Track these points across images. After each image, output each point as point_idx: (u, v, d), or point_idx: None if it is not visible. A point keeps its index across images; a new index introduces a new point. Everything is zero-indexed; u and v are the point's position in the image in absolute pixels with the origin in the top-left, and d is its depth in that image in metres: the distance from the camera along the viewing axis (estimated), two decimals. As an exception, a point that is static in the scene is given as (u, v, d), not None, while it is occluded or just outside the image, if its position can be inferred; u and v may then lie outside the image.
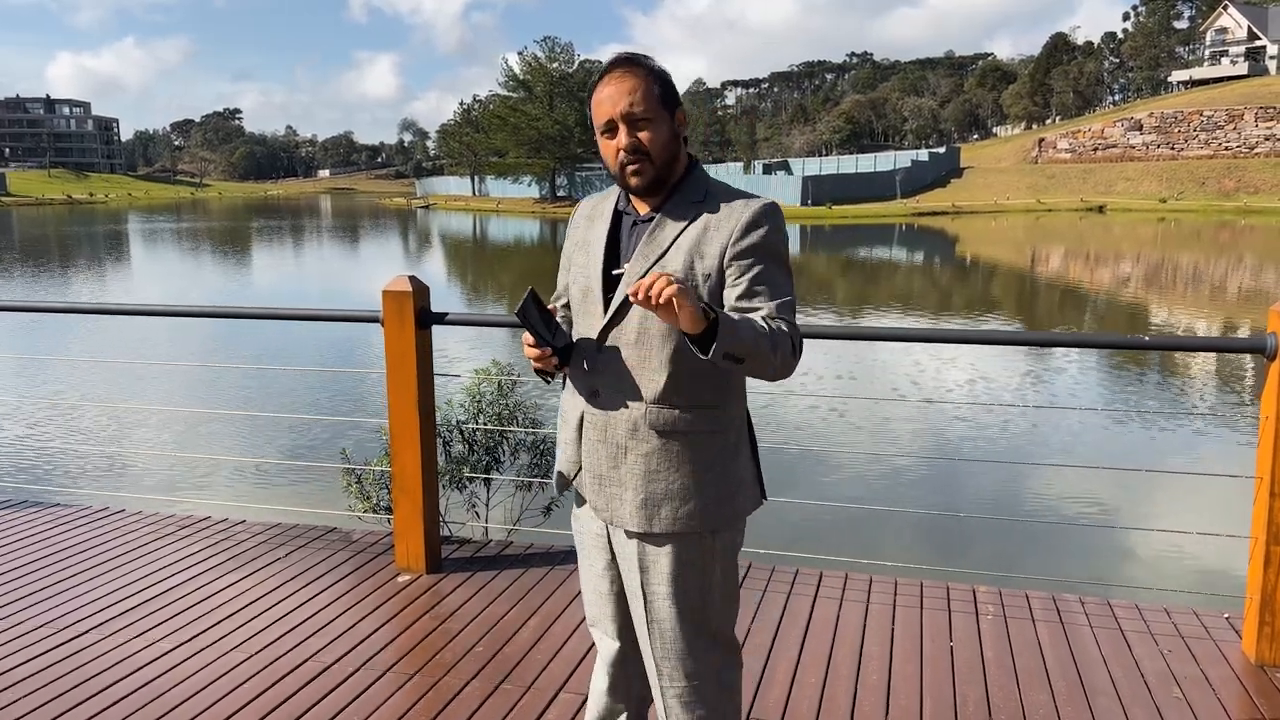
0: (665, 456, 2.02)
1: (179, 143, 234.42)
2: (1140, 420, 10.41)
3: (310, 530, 4.49)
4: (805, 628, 3.47)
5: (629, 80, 1.98)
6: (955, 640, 3.37)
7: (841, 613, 3.58)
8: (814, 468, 8.62)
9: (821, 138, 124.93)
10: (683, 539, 2.04)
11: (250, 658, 3.28)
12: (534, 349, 2.04)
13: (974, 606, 3.63)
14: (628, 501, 2.05)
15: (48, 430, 10.25)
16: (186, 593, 3.81)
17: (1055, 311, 21.48)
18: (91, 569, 4.05)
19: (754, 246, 1.96)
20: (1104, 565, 6.39)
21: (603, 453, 2.08)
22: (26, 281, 27.89)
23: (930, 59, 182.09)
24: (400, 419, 3.95)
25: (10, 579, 3.94)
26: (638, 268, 2.02)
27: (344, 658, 3.28)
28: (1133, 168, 79.46)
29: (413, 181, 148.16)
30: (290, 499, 7.10)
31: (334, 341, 15.45)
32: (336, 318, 4.30)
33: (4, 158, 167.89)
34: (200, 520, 4.67)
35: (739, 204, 2.01)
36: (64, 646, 3.35)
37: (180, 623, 3.54)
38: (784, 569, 3.98)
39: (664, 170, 2.01)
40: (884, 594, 3.74)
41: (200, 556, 4.19)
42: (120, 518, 4.71)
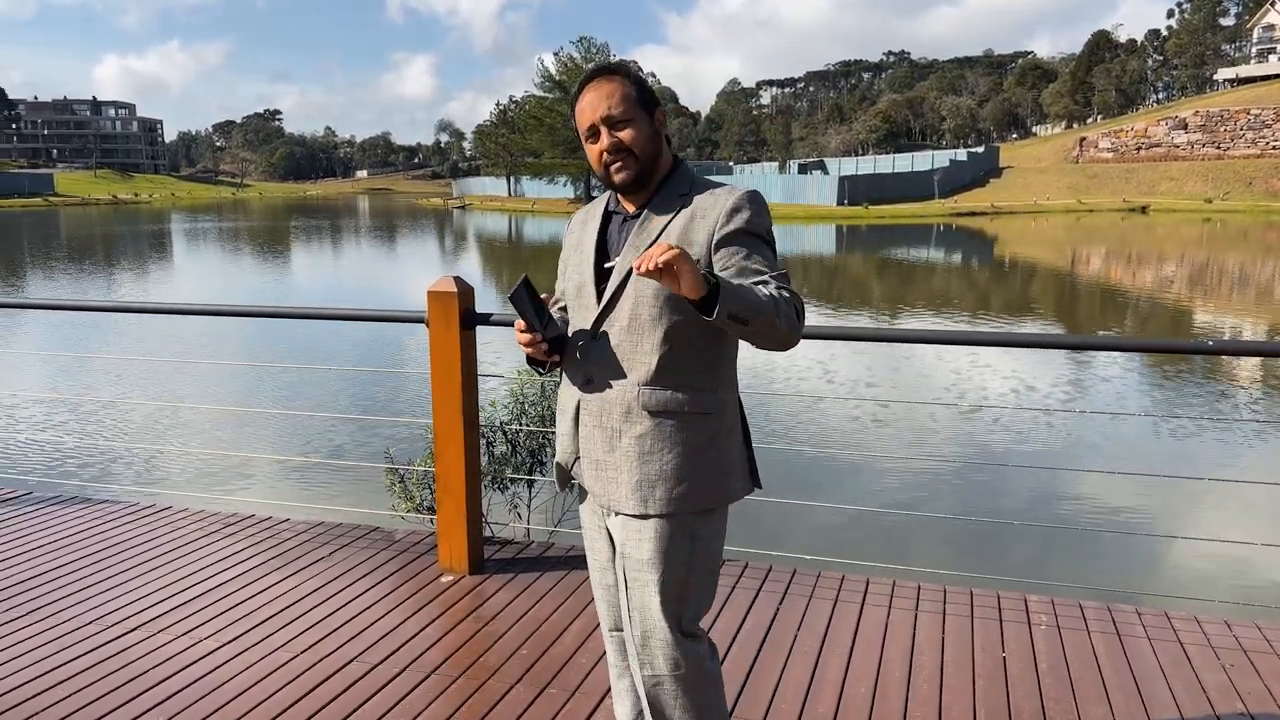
0: (658, 437, 2.07)
1: (220, 143, 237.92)
2: (1194, 427, 10.18)
3: (353, 529, 4.50)
4: (853, 635, 3.41)
5: (605, 86, 2.10)
6: (1008, 651, 3.29)
7: (890, 620, 3.52)
8: (857, 473, 8.51)
9: (858, 137, 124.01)
10: (671, 521, 2.08)
11: (295, 657, 3.28)
12: (525, 334, 2.14)
13: (1026, 616, 3.55)
14: (623, 484, 2.10)
15: (95, 427, 10.41)
16: (232, 590, 3.83)
17: (1098, 314, 21.12)
18: (139, 565, 4.09)
19: (739, 231, 2.04)
20: (1159, 575, 6.24)
21: (599, 438, 2.14)
22: (75, 280, 28.40)
23: (969, 57, 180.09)
24: (444, 420, 3.94)
25: (61, 574, 3.98)
26: (628, 259, 2.11)
27: (388, 659, 3.27)
28: (1177, 167, 78.05)
29: (449, 182, 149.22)
30: (332, 498, 7.13)
31: (372, 341, 15.56)
32: (381, 318, 4.31)
33: (52, 158, 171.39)
34: (245, 518, 4.70)
35: (722, 192, 2.10)
36: (113, 644, 3.37)
37: (226, 621, 3.56)
38: (830, 575, 3.92)
39: (648, 166, 2.11)
40: (933, 602, 3.67)
41: (245, 554, 4.22)
42: (167, 514, 4.76)
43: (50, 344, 15.88)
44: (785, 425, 9.92)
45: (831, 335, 3.86)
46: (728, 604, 3.66)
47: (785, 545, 3.87)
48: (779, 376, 12.57)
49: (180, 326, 16.77)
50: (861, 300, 23.48)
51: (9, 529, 4.54)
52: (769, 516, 6.78)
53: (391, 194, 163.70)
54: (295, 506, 5.21)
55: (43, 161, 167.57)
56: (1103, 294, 24.40)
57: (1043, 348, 4.19)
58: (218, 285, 27.79)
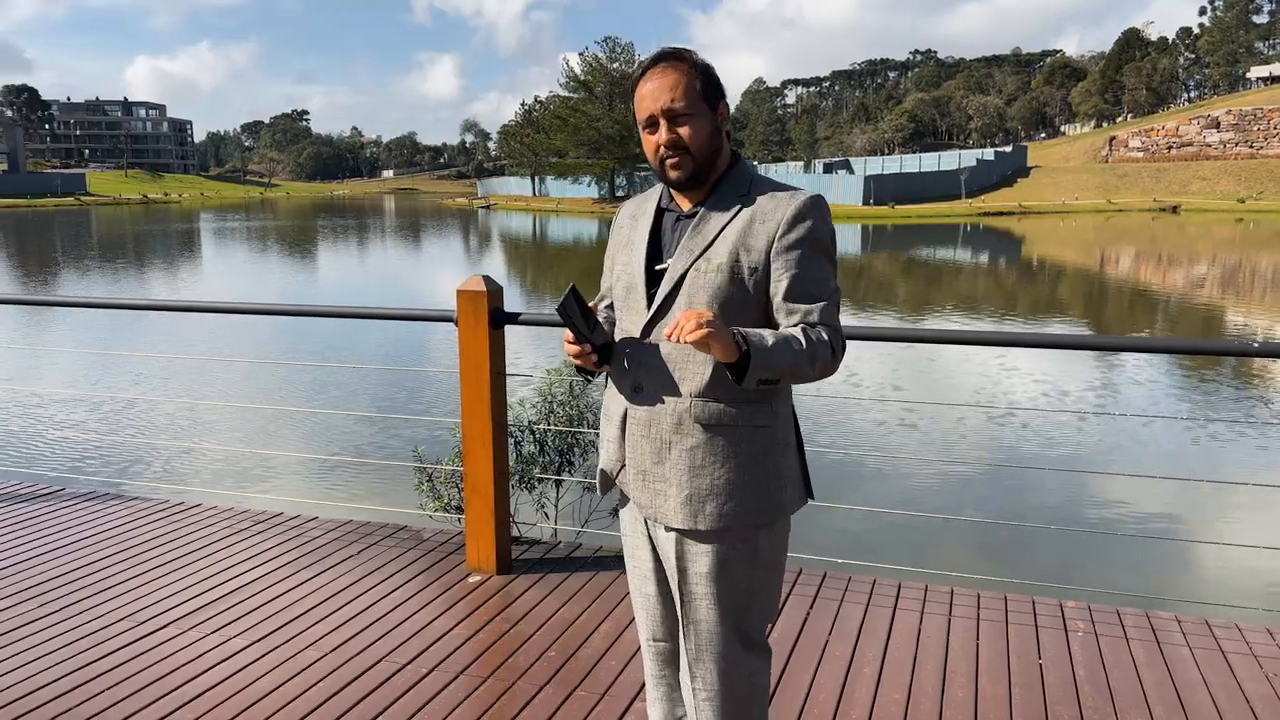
0: (710, 451, 1.99)
1: (249, 144, 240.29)
2: (1232, 431, 10.01)
3: (381, 528, 4.50)
4: (885, 641, 3.36)
5: (670, 75, 1.98)
6: (1044, 658, 3.23)
7: (923, 626, 3.47)
8: (886, 475, 8.44)
9: (884, 136, 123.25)
10: (725, 536, 2.01)
11: (324, 657, 3.28)
12: (573, 346, 2.05)
13: (1062, 623, 3.49)
14: (672, 497, 2.02)
15: (125, 423, 10.51)
16: (261, 589, 3.83)
17: (1130, 315, 20.85)
18: (169, 562, 4.10)
19: (800, 240, 1.95)
20: (1198, 582, 6.11)
21: (647, 448, 2.06)
22: (109, 278, 28.74)
23: (996, 56, 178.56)
24: (473, 419, 3.93)
25: (93, 571, 4.01)
26: (682, 262, 2.01)
27: (417, 659, 3.26)
28: (1209, 167, 77.06)
29: (474, 182, 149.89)
30: (360, 496, 7.15)
31: (398, 340, 15.64)
32: (410, 317, 4.30)
33: (84, 158, 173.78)
34: (273, 516, 4.71)
35: (784, 197, 1.99)
36: (142, 641, 3.39)
37: (255, 619, 3.56)
38: (860, 578, 3.87)
39: (704, 164, 2.01)
40: (967, 607, 3.61)
41: (274, 552, 4.23)
42: (196, 512, 4.78)
43: (81, 341, 16.07)
44: (812, 427, 9.86)
45: (856, 336, 3.82)
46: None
47: (815, 548, 3.83)
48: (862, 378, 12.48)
49: (209, 324, 16.93)
50: (888, 300, 23.33)
51: (43, 524, 4.58)
52: (798, 518, 6.73)
53: (417, 194, 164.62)
54: (323, 505, 5.22)
55: (75, 161, 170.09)
56: (1133, 295, 24.10)
57: (1073, 349, 4.13)
58: (248, 284, 28.03)
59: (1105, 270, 30.55)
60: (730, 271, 1.96)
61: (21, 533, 4.48)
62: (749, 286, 1.96)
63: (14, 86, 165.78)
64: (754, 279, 1.96)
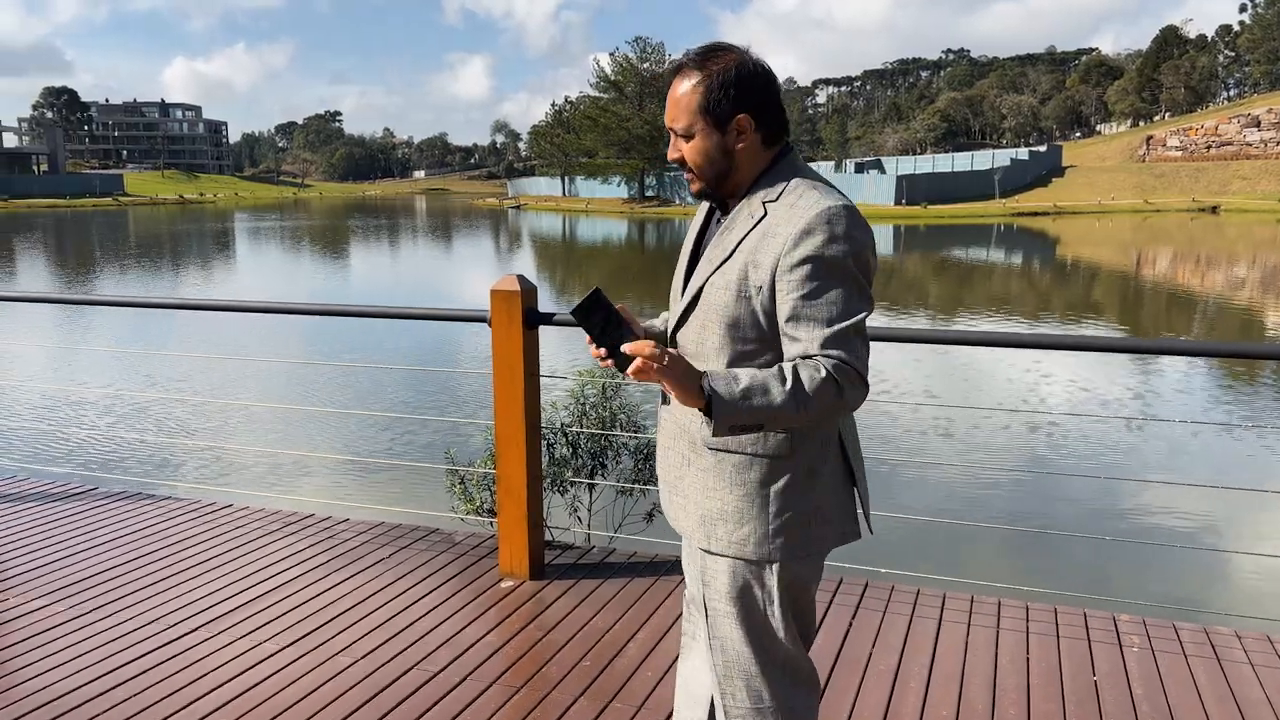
0: (719, 474, 1.90)
1: (282, 144, 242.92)
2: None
3: (412, 531, 4.45)
4: (932, 654, 3.25)
5: (675, 91, 1.88)
6: (1099, 675, 3.10)
7: (970, 639, 3.35)
8: (926, 482, 8.27)
9: (916, 136, 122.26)
10: (742, 563, 1.92)
11: (356, 662, 3.22)
12: (593, 350, 1.93)
13: (1116, 637, 3.36)
14: (690, 514, 1.97)
15: (155, 423, 10.58)
16: (293, 591, 3.79)
17: (1169, 317, 20.46)
18: (202, 563, 4.07)
19: (805, 259, 1.76)
20: (1255, 596, 5.90)
21: (672, 460, 2.02)
22: (149, 276, 29.09)
23: (1031, 55, 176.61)
24: (506, 421, 3.86)
25: (126, 571, 3.99)
26: (702, 274, 1.91)
27: (450, 666, 3.20)
28: (1249, 166, 75.68)
29: (504, 182, 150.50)
30: (391, 498, 7.11)
31: (427, 340, 15.65)
32: (443, 317, 4.24)
33: (121, 159, 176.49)
34: (305, 517, 4.67)
35: (802, 205, 1.80)
36: (176, 643, 3.35)
37: (287, 622, 3.51)
38: (904, 588, 3.76)
39: (715, 181, 1.90)
40: (1015, 619, 3.49)
41: (306, 554, 4.18)
42: (227, 513, 4.75)
43: (114, 340, 16.24)
44: (919, 435, 9.71)
45: (887, 337, 3.73)
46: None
47: (855, 556, 3.72)
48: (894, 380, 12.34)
49: (239, 324, 17.04)
50: (918, 301, 23.05)
51: (75, 523, 4.57)
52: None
53: (448, 194, 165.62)
54: (354, 506, 5.18)
55: (113, 162, 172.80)
56: (1171, 297, 23.64)
57: (1112, 351, 3.98)
58: (285, 283, 28.25)
59: (1142, 271, 30.05)
60: (737, 290, 1.83)
61: (54, 532, 4.47)
62: (756, 307, 1.82)
63: (54, 88, 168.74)
64: (760, 299, 1.81)
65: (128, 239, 50.01)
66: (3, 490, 5.08)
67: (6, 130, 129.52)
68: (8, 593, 3.78)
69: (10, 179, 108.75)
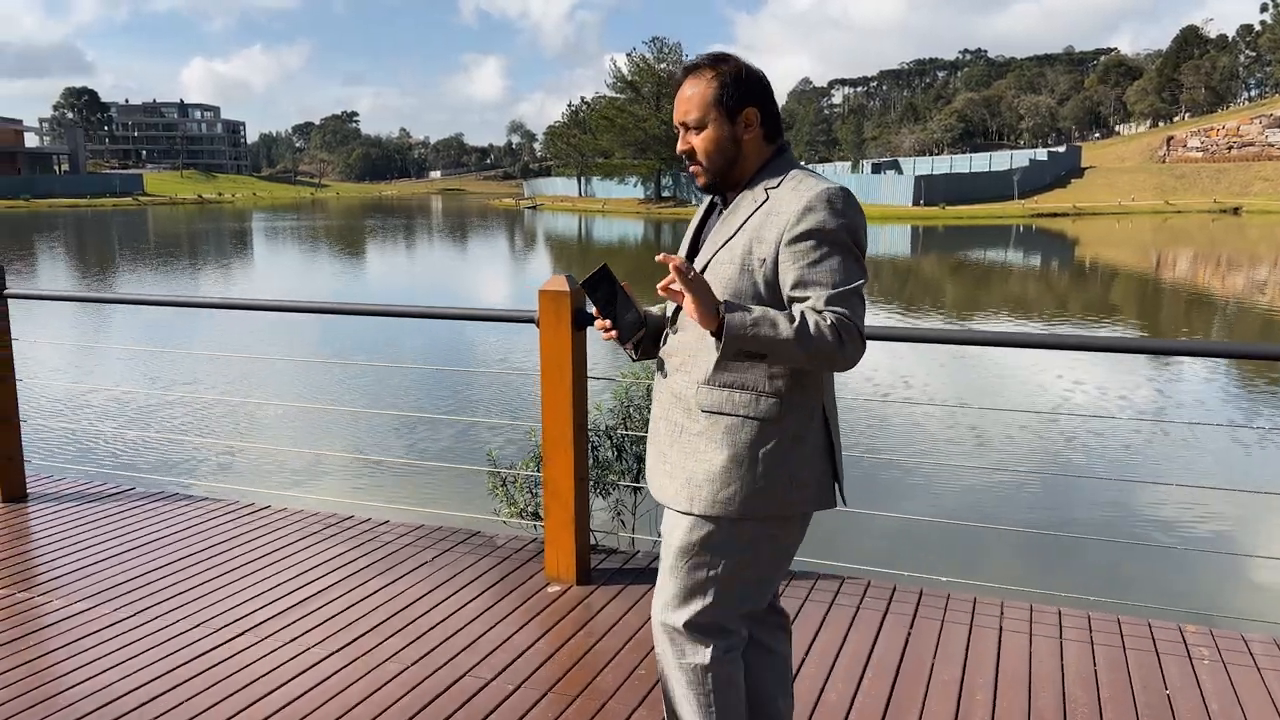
0: (711, 437, 2.03)
1: (300, 145, 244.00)
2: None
3: (453, 533, 4.39)
4: (995, 665, 3.16)
5: (690, 87, 2.07)
6: (1171, 688, 3.01)
7: (1034, 649, 3.26)
8: (974, 486, 8.12)
9: (932, 137, 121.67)
10: (712, 522, 2.04)
11: (406, 670, 3.16)
12: (599, 321, 2.12)
13: (1184, 648, 3.26)
14: (676, 479, 2.09)
15: (188, 423, 10.58)
16: (338, 595, 3.74)
17: (1190, 319, 20.24)
18: (242, 566, 4.03)
19: (808, 232, 1.95)
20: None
21: (664, 429, 2.14)
22: (185, 276, 29.21)
23: (1048, 55, 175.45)
24: (554, 422, 3.80)
25: (166, 574, 3.95)
26: (707, 252, 2.08)
27: (502, 674, 3.13)
28: (1272, 167, 74.89)
29: (520, 182, 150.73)
30: (429, 500, 7.03)
31: (461, 341, 15.63)
32: (490, 317, 4.18)
33: (140, 159, 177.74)
34: (344, 519, 4.63)
35: (803, 188, 2.00)
36: (224, 648, 3.30)
37: (335, 627, 3.46)
38: (960, 596, 3.67)
39: (721, 172, 2.08)
40: (1078, 629, 3.40)
41: (347, 557, 4.14)
42: (266, 514, 4.72)
43: (140, 338, 16.29)
44: (901, 437, 9.61)
45: (902, 337, 3.68)
46: (854, 626, 3.44)
47: (903, 562, 3.65)
48: (882, 383, 12.25)
49: (273, 323, 17.01)
50: (933, 302, 22.88)
51: (116, 524, 4.54)
52: (886, 531, 6.53)
53: (464, 194, 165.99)
54: (392, 508, 5.13)
55: (132, 162, 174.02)
56: (1191, 298, 23.39)
57: (1139, 352, 3.88)
58: (325, 282, 28.31)
59: (1164, 273, 29.75)
60: (741, 263, 2.00)
61: (94, 532, 4.44)
62: (758, 279, 1.99)
63: (75, 89, 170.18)
64: (763, 271, 1.98)
65: (153, 238, 50.28)
66: (41, 489, 5.06)
67: (28, 130, 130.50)
68: (52, 594, 3.75)
69: (33, 179, 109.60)
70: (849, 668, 3.15)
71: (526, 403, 10.33)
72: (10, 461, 4.91)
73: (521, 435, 4.83)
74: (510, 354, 14.27)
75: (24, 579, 3.90)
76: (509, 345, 14.62)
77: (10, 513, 4.73)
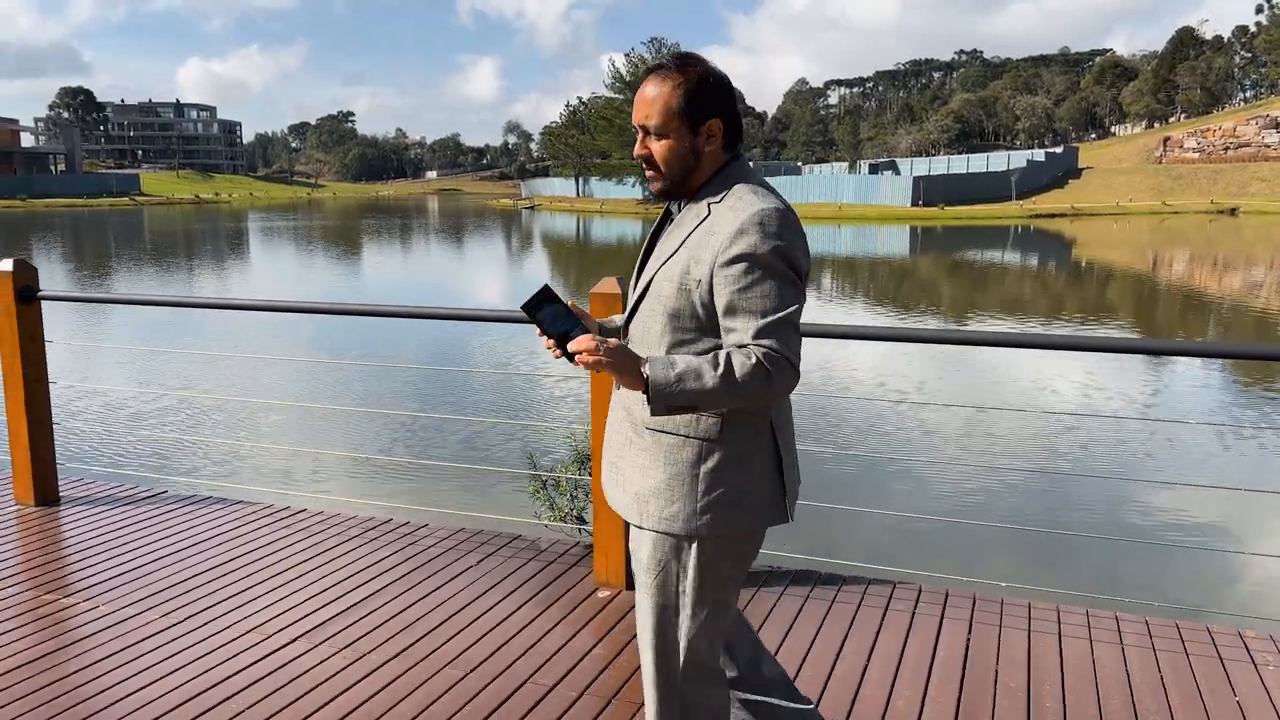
0: (655, 454, 2.03)
1: (296, 145, 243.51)
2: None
3: (495, 537, 4.36)
4: (1060, 671, 3.14)
5: (653, 89, 2.00)
6: (1240, 696, 2.99)
7: (1096, 656, 3.24)
8: (1018, 490, 8.05)
9: (929, 137, 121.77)
10: (665, 540, 2.05)
11: (466, 675, 3.13)
12: (545, 340, 2.05)
13: (1247, 654, 3.24)
14: (627, 492, 2.11)
15: (212, 424, 10.50)
16: (387, 599, 3.70)
17: (1185, 320, 20.27)
18: (285, 570, 3.99)
19: (739, 256, 1.90)
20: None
21: (615, 441, 2.16)
22: (196, 276, 29.10)
23: (1044, 56, 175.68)
24: (603, 428, 3.76)
25: (210, 578, 3.91)
26: (651, 268, 2.06)
27: (564, 679, 3.11)
28: (1268, 168, 75.13)
29: (517, 183, 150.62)
30: (461, 503, 6.96)
31: (454, 340, 15.57)
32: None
33: (136, 159, 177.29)
34: (383, 522, 4.59)
35: (741, 206, 1.95)
36: (276, 655, 3.27)
37: (388, 632, 3.43)
38: (1015, 601, 3.65)
39: (677, 181, 2.04)
40: (1138, 635, 3.38)
41: (390, 561, 4.10)
42: (302, 517, 4.68)
43: (179, 341, 16.16)
44: (944, 437, 9.57)
45: (903, 337, 3.66)
46: (912, 631, 3.42)
47: (952, 566, 3.63)
48: (914, 382, 12.23)
49: (282, 324, 16.88)
50: (928, 302, 22.89)
51: (151, 529, 4.50)
52: (930, 535, 6.50)
53: (461, 195, 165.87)
54: (430, 511, 5.09)
55: (128, 162, 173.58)
56: (1189, 299, 23.42)
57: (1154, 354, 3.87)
58: (340, 282, 28.25)
59: (1163, 274, 29.79)
60: (679, 282, 1.97)
61: (131, 537, 4.40)
62: (694, 299, 1.96)
63: (71, 89, 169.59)
64: (699, 291, 1.95)
65: (156, 239, 50.12)
66: (73, 492, 5.02)
67: (24, 130, 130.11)
68: (97, 600, 3.72)
69: (29, 178, 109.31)
70: (914, 673, 3.13)
71: (523, 404, 10.28)
72: (44, 464, 4.87)
73: (518, 435, 4.78)
74: (514, 356, 14.23)
75: (62, 584, 3.87)
76: (481, 345, 14.55)
77: (44, 517, 4.69)
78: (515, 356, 14.22)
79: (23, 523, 4.59)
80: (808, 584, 3.82)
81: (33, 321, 4.82)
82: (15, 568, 4.04)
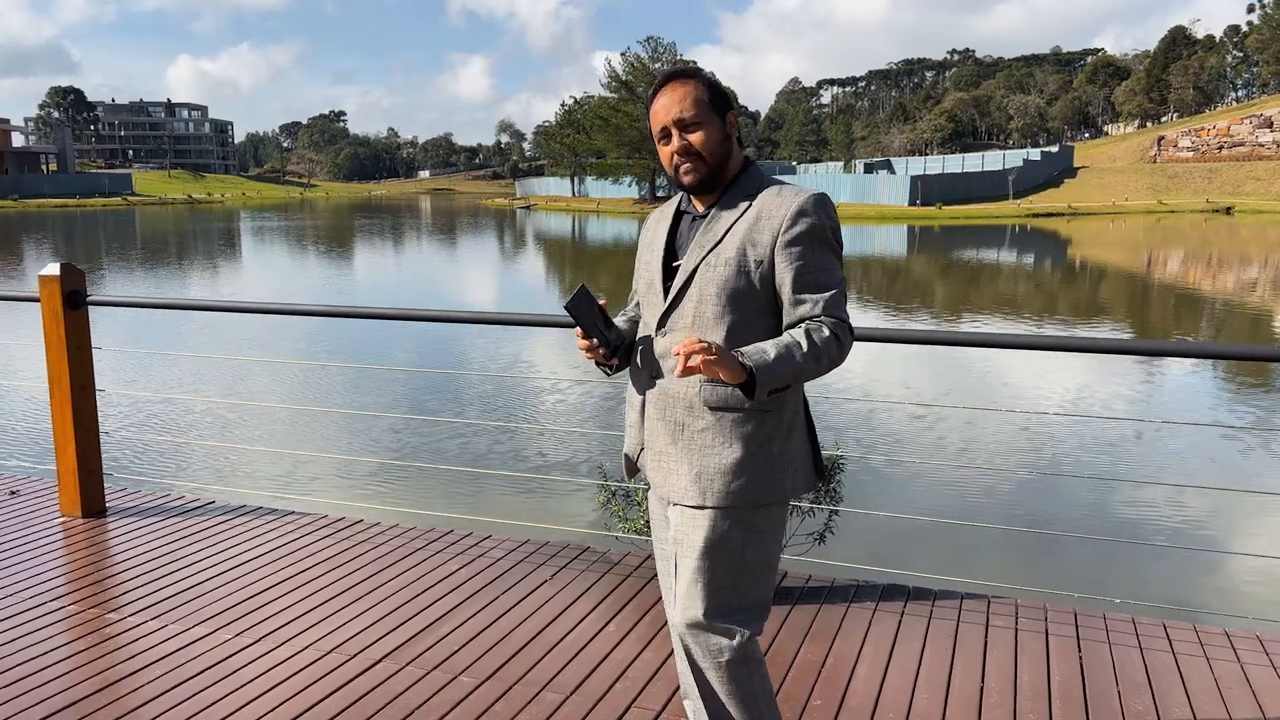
0: (719, 432, 2.11)
1: (287, 144, 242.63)
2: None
3: (563, 548, 4.24)
4: (1114, 678, 3.03)
5: (679, 89, 2.15)
6: None
7: (1148, 662, 3.13)
8: (1098, 497, 7.93)
9: (922, 137, 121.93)
10: (730, 513, 2.11)
11: (567, 698, 3.01)
12: (583, 342, 2.22)
13: (1267, 659, 3.15)
14: (683, 475, 2.15)
15: (265, 433, 10.23)
16: (467, 616, 3.58)
17: (1180, 319, 20.24)
18: (356, 585, 3.86)
19: (803, 234, 2.08)
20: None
21: (662, 430, 2.19)
22: (219, 279, 28.85)
23: (1036, 55, 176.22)
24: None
25: (279, 593, 3.78)
26: (694, 257, 2.16)
27: (669, 705, 2.99)
28: (1263, 167, 75.40)
29: (510, 182, 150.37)
30: (518, 512, 6.72)
31: (513, 349, 15.43)
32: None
33: (127, 159, 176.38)
34: (445, 533, 4.46)
35: (789, 193, 2.13)
36: (370, 673, 3.13)
37: (477, 650, 3.30)
38: (1059, 609, 3.55)
39: (717, 169, 2.16)
40: (1187, 643, 3.27)
41: (457, 574, 3.98)
42: (360, 528, 4.55)
43: (210, 346, 15.85)
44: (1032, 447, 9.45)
45: (899, 339, 3.58)
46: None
47: (979, 572, 3.53)
48: (942, 386, 12.14)
49: (349, 330, 16.49)
50: (923, 302, 22.83)
51: (207, 540, 4.37)
52: (983, 544, 6.39)
53: (453, 194, 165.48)
54: (490, 521, 4.94)
55: (119, 162, 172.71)
56: (1184, 298, 23.42)
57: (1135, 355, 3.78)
58: (351, 284, 28.07)
59: (1159, 273, 29.81)
60: (738, 265, 2.10)
61: (185, 549, 4.27)
62: (755, 279, 2.10)
63: (61, 88, 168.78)
64: (760, 272, 2.10)
65: (155, 239, 49.77)
66: (120, 503, 4.88)
67: (15, 130, 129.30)
68: (164, 618, 3.58)
69: (21, 178, 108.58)
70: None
71: (536, 406, 10.12)
72: (91, 474, 4.74)
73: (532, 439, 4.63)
74: (528, 360, 14.08)
75: (124, 602, 3.72)
76: (483, 348, 14.39)
77: (92, 528, 4.55)
78: (569, 363, 14.05)
79: (71, 536, 4.45)
80: (899, 598, 3.71)
81: (80, 327, 4.68)
82: (73, 584, 3.90)
